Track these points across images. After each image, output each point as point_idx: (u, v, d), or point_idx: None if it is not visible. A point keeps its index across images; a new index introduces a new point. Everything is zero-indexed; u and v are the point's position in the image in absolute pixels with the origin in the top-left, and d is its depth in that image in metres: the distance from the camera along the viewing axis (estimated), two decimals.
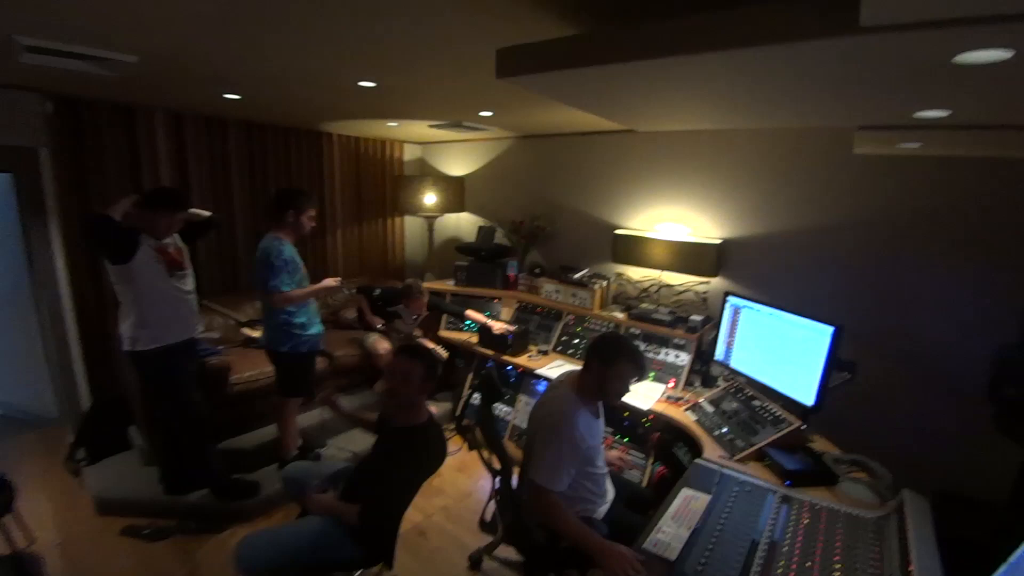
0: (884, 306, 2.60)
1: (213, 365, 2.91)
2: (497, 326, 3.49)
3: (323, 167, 4.44)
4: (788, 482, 1.90)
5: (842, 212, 2.68)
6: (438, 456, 1.93)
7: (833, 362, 2.15)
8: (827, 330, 2.15)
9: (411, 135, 4.58)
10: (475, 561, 2.46)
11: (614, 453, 2.60)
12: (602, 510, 1.97)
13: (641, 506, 2.13)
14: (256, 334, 3.45)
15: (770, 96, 1.74)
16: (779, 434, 2.13)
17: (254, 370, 3.11)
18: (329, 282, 2.86)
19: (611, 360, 1.81)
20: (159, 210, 2.44)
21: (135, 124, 3.35)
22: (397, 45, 1.84)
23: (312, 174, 4.37)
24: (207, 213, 2.73)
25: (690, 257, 3.12)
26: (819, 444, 2.22)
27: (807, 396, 2.21)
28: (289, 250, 2.70)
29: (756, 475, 1.96)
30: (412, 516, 2.79)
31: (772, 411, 2.28)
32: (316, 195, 4.37)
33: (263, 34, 1.81)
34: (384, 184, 4.92)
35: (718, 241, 3.08)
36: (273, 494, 2.78)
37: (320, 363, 3.36)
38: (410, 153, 5.12)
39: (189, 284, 2.62)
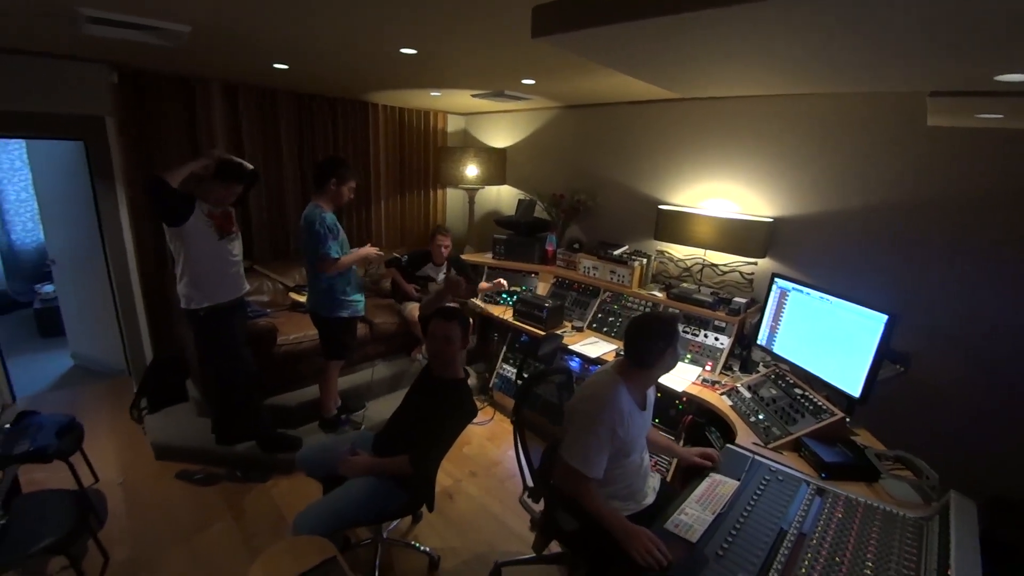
0: (949, 296, 2.38)
1: (261, 326, 3.06)
2: (484, 285, 3.71)
3: (368, 137, 4.50)
4: (824, 474, 1.82)
5: (908, 190, 2.45)
6: (472, 409, 2.13)
7: (885, 352, 2.02)
8: (880, 318, 2.02)
9: (454, 105, 4.54)
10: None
11: None
12: (634, 508, 1.83)
13: None
14: (302, 299, 3.60)
15: (832, 54, 1.58)
16: (819, 424, 2.03)
17: (299, 333, 3.25)
18: (371, 250, 2.94)
19: (674, 340, 1.73)
20: (229, 182, 2.56)
21: (194, 95, 3.49)
22: (436, 7, 1.80)
23: (358, 144, 4.43)
24: (251, 166, 2.78)
25: (738, 236, 2.97)
26: (863, 438, 2.11)
27: (854, 387, 2.09)
28: (331, 218, 2.77)
29: (791, 465, 1.89)
30: (442, 479, 2.87)
31: (814, 400, 2.18)
32: (361, 165, 4.45)
33: (308, 1, 1.82)
34: (427, 155, 4.94)
35: (769, 219, 2.91)
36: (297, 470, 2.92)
37: (361, 329, 3.48)
38: (453, 124, 5.10)
39: (237, 248, 2.74)
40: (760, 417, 2.22)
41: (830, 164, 2.69)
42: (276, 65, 2.99)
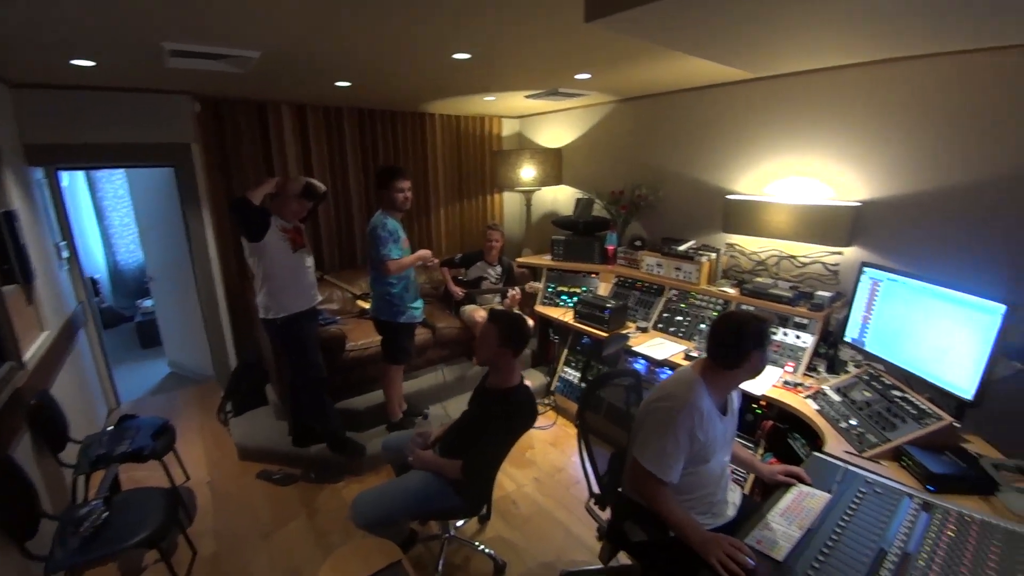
0: None
1: (331, 333, 3.18)
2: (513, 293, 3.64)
3: (426, 146, 4.61)
4: (931, 487, 1.61)
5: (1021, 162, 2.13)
6: (528, 417, 2.04)
7: (1001, 348, 1.76)
8: (997, 308, 1.77)
9: (508, 109, 4.55)
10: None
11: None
12: (712, 524, 1.69)
13: None
14: (368, 306, 3.72)
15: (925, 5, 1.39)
16: (923, 431, 1.81)
17: (366, 339, 3.35)
18: (426, 252, 3.00)
19: (763, 342, 1.59)
20: (302, 199, 2.75)
21: (266, 117, 3.73)
22: (487, 7, 1.79)
23: (416, 154, 4.55)
24: (323, 187, 2.93)
25: (818, 224, 2.72)
26: (976, 446, 1.86)
27: (964, 388, 1.85)
28: (393, 223, 2.85)
29: (891, 476, 1.69)
30: (506, 484, 2.86)
31: (916, 404, 1.94)
32: (418, 173, 4.57)
33: (362, 18, 1.89)
34: (483, 160, 4.99)
35: (855, 204, 2.64)
36: (380, 453, 3.00)
37: (424, 334, 3.54)
38: (508, 128, 5.11)
39: (310, 260, 2.87)
40: (852, 423, 2.01)
41: (926, 136, 2.39)
42: (338, 83, 3.12)
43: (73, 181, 5.55)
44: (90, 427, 3.07)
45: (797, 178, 2.92)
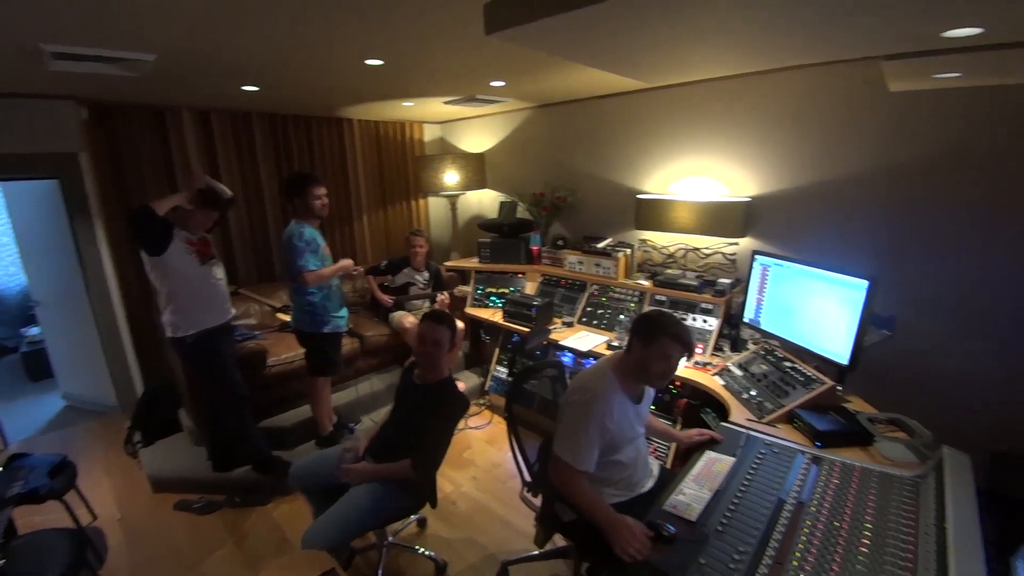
0: (929, 256, 2.40)
1: (250, 349, 3.04)
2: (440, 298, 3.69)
3: (345, 153, 4.50)
4: (819, 443, 1.83)
5: (877, 158, 2.48)
6: (464, 403, 2.19)
7: (869, 318, 2.04)
8: (861, 284, 2.04)
9: (429, 114, 4.57)
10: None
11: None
12: (630, 495, 1.83)
13: None
14: (289, 318, 3.58)
15: (780, 25, 1.60)
16: (810, 395, 2.05)
17: (289, 352, 3.23)
18: (347, 263, 2.94)
19: (652, 337, 1.65)
20: (207, 209, 2.58)
21: (165, 124, 3.49)
22: (393, 15, 1.82)
23: (335, 160, 4.44)
24: (229, 192, 2.75)
25: (716, 218, 3.00)
26: (856, 405, 2.13)
27: (842, 355, 2.11)
28: (310, 232, 2.77)
29: (785, 437, 1.90)
30: (444, 486, 2.87)
31: (804, 372, 2.19)
32: (340, 181, 4.46)
33: (268, 21, 1.83)
34: (406, 166, 4.95)
35: (745, 199, 2.93)
36: (291, 483, 2.89)
37: (351, 344, 3.47)
38: (430, 133, 5.12)
39: (220, 272, 2.72)
40: (752, 393, 2.23)
41: (801, 139, 2.72)
42: (245, 87, 2.99)
43: None
44: None
45: (697, 178, 3.20)
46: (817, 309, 2.26)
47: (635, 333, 1.71)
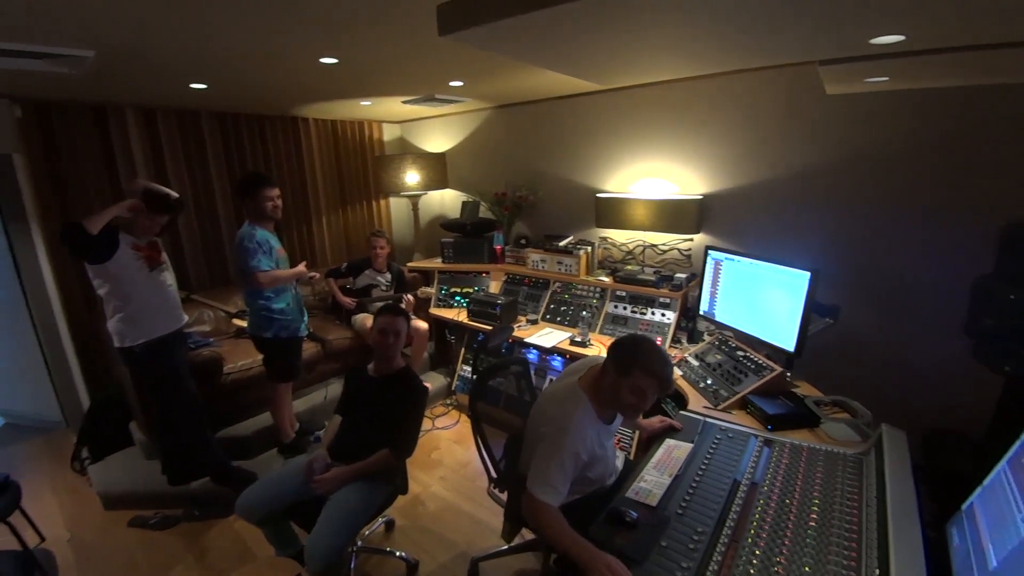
0: (864, 248, 2.59)
1: (204, 356, 2.93)
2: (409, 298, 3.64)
3: (302, 153, 4.40)
4: (770, 426, 1.93)
5: (819, 156, 2.64)
6: (423, 386, 2.28)
7: (812, 307, 2.16)
8: (804, 275, 2.15)
9: (388, 114, 4.52)
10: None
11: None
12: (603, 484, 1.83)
13: None
14: (245, 324, 3.47)
15: (719, 32, 1.68)
16: (761, 381, 2.16)
17: (246, 359, 3.13)
18: (301, 268, 2.89)
19: (626, 369, 1.55)
20: (154, 213, 2.44)
21: (107, 123, 3.32)
22: (345, 13, 1.79)
23: (290, 160, 4.33)
24: (175, 195, 2.61)
25: (672, 215, 3.10)
26: (804, 389, 2.25)
27: (789, 343, 2.22)
28: (263, 233, 2.71)
29: (739, 422, 1.99)
30: (412, 487, 2.84)
31: (755, 360, 2.30)
32: (294, 180, 4.35)
33: (215, 15, 1.76)
34: (365, 166, 4.88)
35: (699, 197, 3.05)
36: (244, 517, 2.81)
37: (312, 348, 3.40)
38: (389, 133, 5.06)
39: (171, 278, 2.62)
40: (708, 382, 2.33)
41: (748, 139, 2.86)
42: (193, 85, 2.88)
43: None
44: None
45: (653, 179, 3.31)
46: (766, 300, 2.38)
47: (610, 358, 1.62)
